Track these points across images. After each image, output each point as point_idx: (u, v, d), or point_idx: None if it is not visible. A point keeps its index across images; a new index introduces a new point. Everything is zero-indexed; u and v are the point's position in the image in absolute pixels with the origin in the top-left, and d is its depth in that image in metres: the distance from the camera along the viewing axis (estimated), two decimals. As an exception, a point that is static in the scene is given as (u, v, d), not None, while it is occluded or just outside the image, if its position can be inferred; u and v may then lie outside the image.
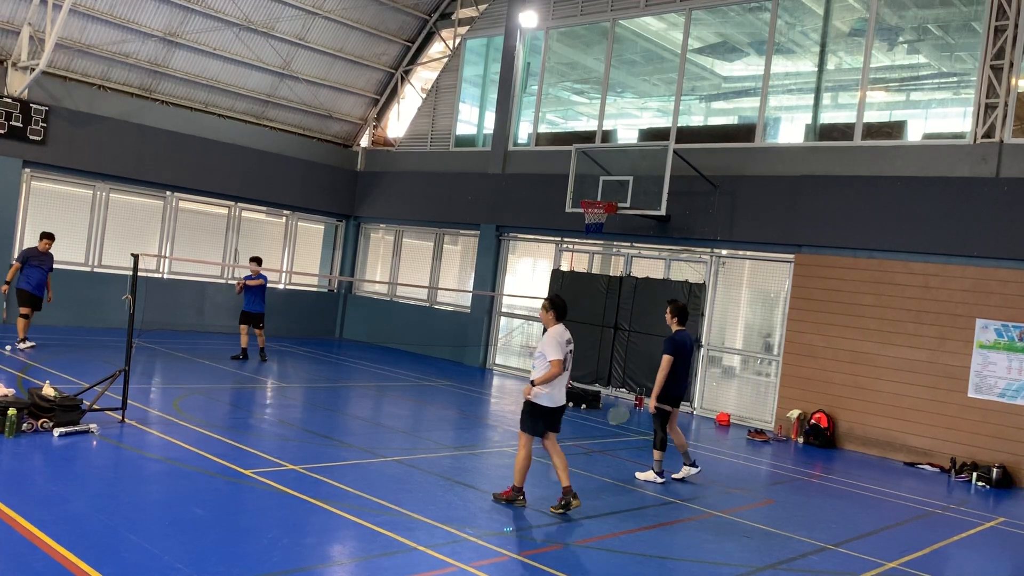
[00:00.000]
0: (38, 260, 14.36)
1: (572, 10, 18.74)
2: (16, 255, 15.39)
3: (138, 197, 19.07)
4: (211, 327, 19.86)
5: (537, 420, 7.89)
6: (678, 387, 9.77)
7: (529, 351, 19.17)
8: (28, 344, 14.05)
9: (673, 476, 9.84)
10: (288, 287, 21.79)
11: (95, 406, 9.22)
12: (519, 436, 8.04)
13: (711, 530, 8.05)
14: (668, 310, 9.97)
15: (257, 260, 15.84)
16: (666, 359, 9.60)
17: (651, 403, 9.63)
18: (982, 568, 8.11)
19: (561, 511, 7.79)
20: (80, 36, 17.52)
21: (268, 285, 16.26)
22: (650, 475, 9.64)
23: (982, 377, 12.44)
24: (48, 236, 14.51)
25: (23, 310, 14.24)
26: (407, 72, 22.40)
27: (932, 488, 11.30)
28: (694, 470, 9.83)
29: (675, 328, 9.87)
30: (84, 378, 11.19)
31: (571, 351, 7.99)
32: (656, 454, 9.65)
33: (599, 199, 15.77)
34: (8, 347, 13.80)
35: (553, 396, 7.88)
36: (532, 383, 7.83)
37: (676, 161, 14.98)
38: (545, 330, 8.18)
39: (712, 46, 17.46)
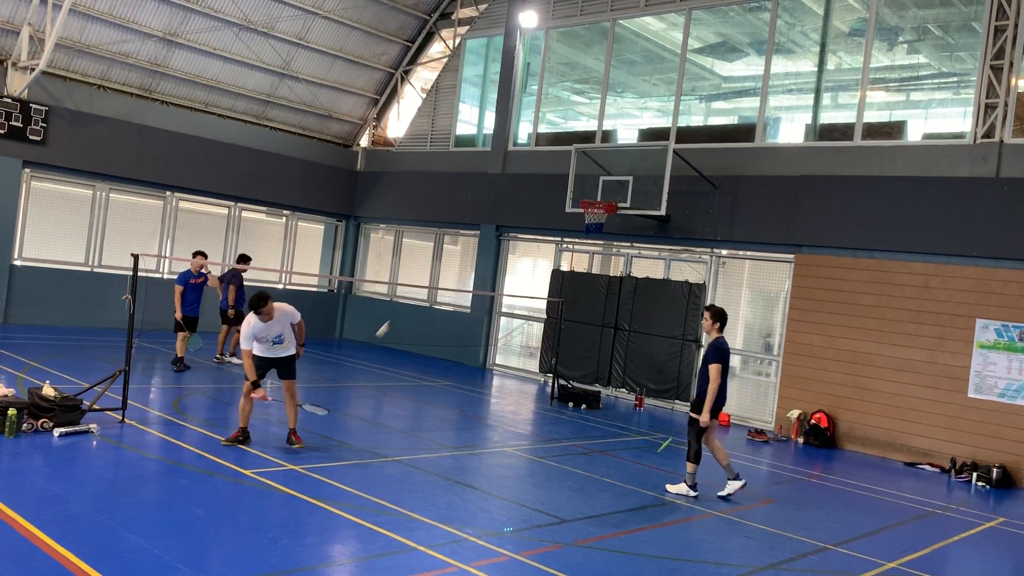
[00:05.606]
0: (193, 280, 14.05)
1: (572, 10, 18.73)
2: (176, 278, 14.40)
3: (138, 197, 19.07)
4: (211, 327, 19.81)
5: (255, 368, 9.12)
6: (719, 397, 9.15)
7: (529, 351, 19.18)
8: (183, 366, 13.72)
9: (719, 494, 9.20)
10: (288, 287, 21.79)
11: (95, 406, 9.23)
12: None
13: (711, 530, 8.05)
14: (707, 315, 9.32)
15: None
16: (715, 368, 8.97)
17: (703, 417, 8.95)
18: (982, 568, 8.10)
19: (294, 446, 9.21)
20: (80, 36, 17.52)
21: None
22: (682, 488, 9.13)
23: (982, 377, 12.44)
24: (199, 254, 14.25)
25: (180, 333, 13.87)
26: (407, 72, 22.40)
27: (932, 488, 11.30)
28: (738, 483, 9.18)
29: (715, 335, 9.22)
30: (84, 378, 11.18)
31: (271, 337, 9.13)
32: (689, 466, 9.12)
33: (599, 199, 15.77)
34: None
35: (262, 348, 9.18)
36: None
37: (676, 161, 14.99)
38: None
39: (712, 46, 17.46)
